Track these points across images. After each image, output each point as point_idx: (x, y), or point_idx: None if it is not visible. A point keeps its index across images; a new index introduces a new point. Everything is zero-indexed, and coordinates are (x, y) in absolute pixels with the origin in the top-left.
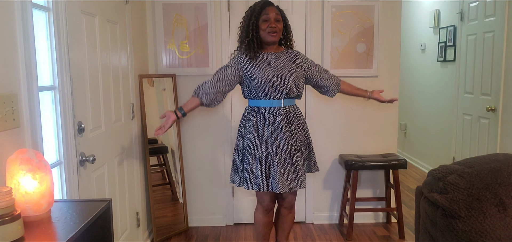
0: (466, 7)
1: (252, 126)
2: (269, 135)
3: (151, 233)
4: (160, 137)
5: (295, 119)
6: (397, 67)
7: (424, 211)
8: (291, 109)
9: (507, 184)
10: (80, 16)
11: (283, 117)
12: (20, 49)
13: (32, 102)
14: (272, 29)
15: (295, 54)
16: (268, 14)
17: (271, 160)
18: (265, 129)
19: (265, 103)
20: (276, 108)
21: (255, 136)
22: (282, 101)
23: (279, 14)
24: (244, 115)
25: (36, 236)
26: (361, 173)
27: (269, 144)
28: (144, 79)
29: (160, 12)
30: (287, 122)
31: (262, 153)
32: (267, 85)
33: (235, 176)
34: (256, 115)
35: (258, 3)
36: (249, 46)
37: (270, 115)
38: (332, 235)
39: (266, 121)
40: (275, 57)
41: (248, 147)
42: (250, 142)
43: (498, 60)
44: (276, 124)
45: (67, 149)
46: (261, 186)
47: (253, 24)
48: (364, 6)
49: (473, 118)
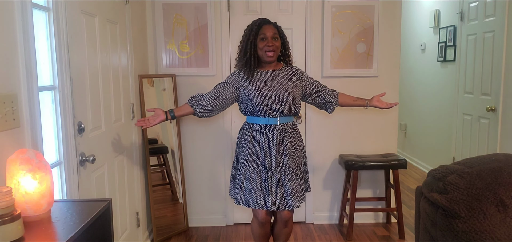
0: (466, 7)
1: (248, 142)
2: (262, 152)
3: (151, 233)
4: (160, 137)
5: (292, 137)
6: (397, 67)
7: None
8: (288, 127)
9: (507, 184)
10: (80, 16)
11: (279, 135)
12: (20, 49)
13: (32, 102)
14: (269, 48)
15: (293, 71)
16: (265, 33)
17: (262, 177)
18: (260, 146)
19: (261, 120)
20: (272, 126)
21: (249, 152)
22: (278, 119)
23: (276, 33)
24: (241, 130)
25: (36, 236)
26: (361, 173)
27: (262, 161)
28: (144, 79)
29: (160, 12)
30: (282, 140)
31: (254, 169)
32: (263, 104)
33: (230, 188)
34: (252, 132)
35: (256, 22)
36: (247, 65)
37: (266, 133)
38: (332, 235)
39: (262, 138)
40: (273, 75)
41: (241, 162)
42: (243, 158)
43: (498, 60)
44: (271, 142)
45: (67, 149)
46: (249, 202)
47: (251, 43)
48: (364, 6)
49: (473, 119)
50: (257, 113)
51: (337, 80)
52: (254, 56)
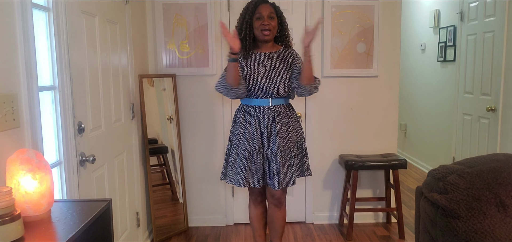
0: (466, 7)
1: (240, 123)
2: (253, 133)
3: (151, 233)
4: (160, 137)
5: (285, 119)
6: (397, 67)
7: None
8: (281, 109)
9: (507, 184)
10: (80, 16)
11: (270, 117)
12: (20, 49)
13: (32, 102)
14: (265, 27)
15: (290, 53)
16: (261, 12)
17: (253, 158)
18: (251, 127)
19: (253, 102)
20: (264, 107)
21: (241, 132)
22: (270, 100)
23: (273, 12)
24: (235, 112)
25: (36, 236)
26: (361, 173)
27: (253, 142)
28: (144, 79)
29: (160, 12)
30: (273, 121)
31: (245, 150)
32: (254, 86)
33: (223, 169)
34: (244, 113)
35: (253, 1)
36: (242, 45)
37: (257, 114)
38: (332, 235)
39: (252, 119)
40: (268, 57)
41: (234, 143)
42: (235, 139)
43: (498, 60)
44: (262, 123)
45: (67, 149)
46: (240, 182)
47: (247, 23)
48: (364, 6)
49: (473, 118)
50: (249, 94)
51: (337, 80)
52: (250, 36)
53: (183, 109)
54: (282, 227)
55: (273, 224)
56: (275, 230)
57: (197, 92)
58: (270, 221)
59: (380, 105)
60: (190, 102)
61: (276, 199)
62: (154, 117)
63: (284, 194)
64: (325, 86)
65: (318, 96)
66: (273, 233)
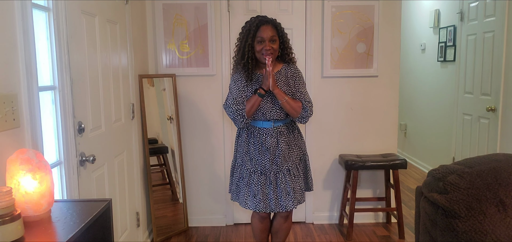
0: (466, 7)
1: (243, 142)
2: (256, 154)
3: (151, 233)
4: (160, 137)
5: (288, 138)
6: (397, 67)
7: (424, 211)
8: (283, 129)
9: (507, 184)
10: (80, 16)
11: (273, 138)
12: (20, 49)
13: (32, 102)
14: (267, 52)
15: (292, 73)
16: (262, 35)
17: (255, 179)
18: (254, 148)
19: (256, 123)
20: (267, 129)
21: (244, 152)
22: (272, 123)
23: (275, 34)
24: (238, 130)
25: (36, 236)
26: (361, 173)
27: (255, 163)
28: (144, 79)
29: (160, 12)
30: (277, 142)
31: (247, 169)
32: (257, 112)
33: (230, 183)
34: (247, 133)
35: (253, 22)
36: (245, 68)
37: (260, 135)
38: (332, 235)
39: (255, 140)
40: None
41: (238, 161)
42: (239, 157)
43: (498, 60)
44: (265, 144)
45: (67, 149)
46: (241, 201)
47: (249, 46)
48: (364, 6)
49: (473, 118)
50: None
51: (337, 80)
52: (252, 59)
53: (183, 109)
54: (286, 236)
55: (278, 234)
56: (279, 238)
57: (197, 92)
58: (275, 231)
59: (380, 105)
60: (190, 102)
61: (284, 216)
62: (154, 117)
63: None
64: (325, 86)
65: (318, 96)
66: (276, 241)
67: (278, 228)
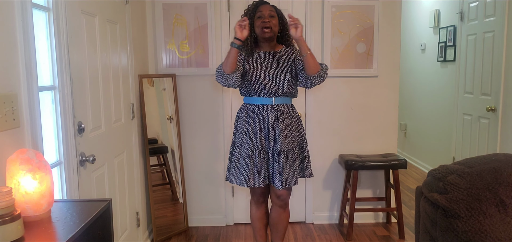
0: (466, 7)
1: (243, 122)
2: (256, 132)
3: (151, 233)
4: (160, 137)
5: (287, 119)
6: (397, 67)
7: (424, 211)
8: (283, 108)
9: (507, 184)
10: (80, 16)
11: (273, 115)
12: (20, 49)
13: (32, 102)
14: (265, 24)
15: (292, 51)
16: (262, 11)
17: (255, 157)
18: (253, 126)
19: (256, 100)
20: (267, 106)
21: (244, 131)
22: (272, 99)
23: (273, 10)
24: (238, 112)
25: (36, 236)
26: (361, 173)
27: (255, 141)
28: (144, 79)
29: (160, 12)
30: (276, 120)
31: (247, 148)
32: (257, 84)
33: (227, 170)
34: (247, 112)
35: (254, 2)
36: (245, 43)
37: (260, 113)
38: (332, 235)
39: (255, 118)
40: (270, 56)
41: (237, 142)
42: (238, 138)
43: (498, 60)
44: (265, 121)
45: (67, 149)
46: (243, 181)
47: (249, 22)
48: (364, 6)
49: (473, 118)
50: (252, 93)
51: (337, 80)
52: (252, 36)
53: (183, 109)
54: (285, 228)
55: (277, 226)
56: (278, 231)
57: (197, 92)
58: (274, 223)
59: (380, 105)
60: (190, 102)
61: (281, 200)
62: (154, 117)
63: (289, 195)
64: (325, 86)
65: (318, 96)
66: (275, 235)
67: (277, 220)
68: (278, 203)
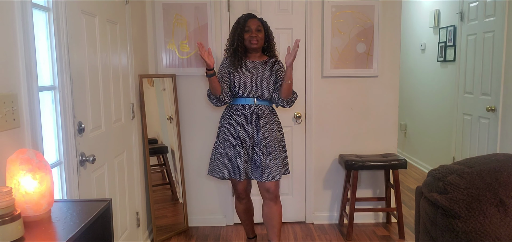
0: (466, 7)
1: (226, 120)
2: (237, 129)
3: (151, 233)
4: (160, 137)
5: (268, 118)
6: (397, 67)
7: (424, 211)
8: (264, 108)
9: (507, 184)
10: (80, 16)
11: (255, 113)
12: (20, 49)
13: (32, 102)
14: (253, 38)
15: (276, 63)
16: (250, 25)
17: (237, 151)
18: (235, 123)
19: (239, 101)
20: (249, 106)
21: (226, 128)
22: (254, 100)
23: (260, 25)
24: (223, 112)
25: (36, 236)
26: (361, 173)
27: (237, 136)
28: (144, 79)
29: (160, 12)
30: (257, 118)
31: (230, 144)
32: (241, 89)
33: (210, 164)
34: (230, 111)
35: (243, 17)
36: (235, 54)
37: (242, 111)
38: (332, 235)
39: (237, 116)
40: (255, 65)
41: (220, 139)
42: (222, 135)
43: (498, 60)
44: (247, 119)
45: (67, 149)
46: (227, 173)
47: (238, 35)
48: (364, 6)
49: (473, 118)
50: (236, 96)
51: (337, 80)
52: (241, 46)
53: (183, 109)
54: (279, 223)
55: (271, 221)
56: (273, 227)
57: (197, 92)
58: (268, 219)
59: (380, 105)
60: (190, 102)
61: (270, 193)
62: (154, 117)
63: (277, 187)
64: (325, 86)
65: (318, 96)
66: (271, 231)
67: (270, 215)
68: (267, 197)
